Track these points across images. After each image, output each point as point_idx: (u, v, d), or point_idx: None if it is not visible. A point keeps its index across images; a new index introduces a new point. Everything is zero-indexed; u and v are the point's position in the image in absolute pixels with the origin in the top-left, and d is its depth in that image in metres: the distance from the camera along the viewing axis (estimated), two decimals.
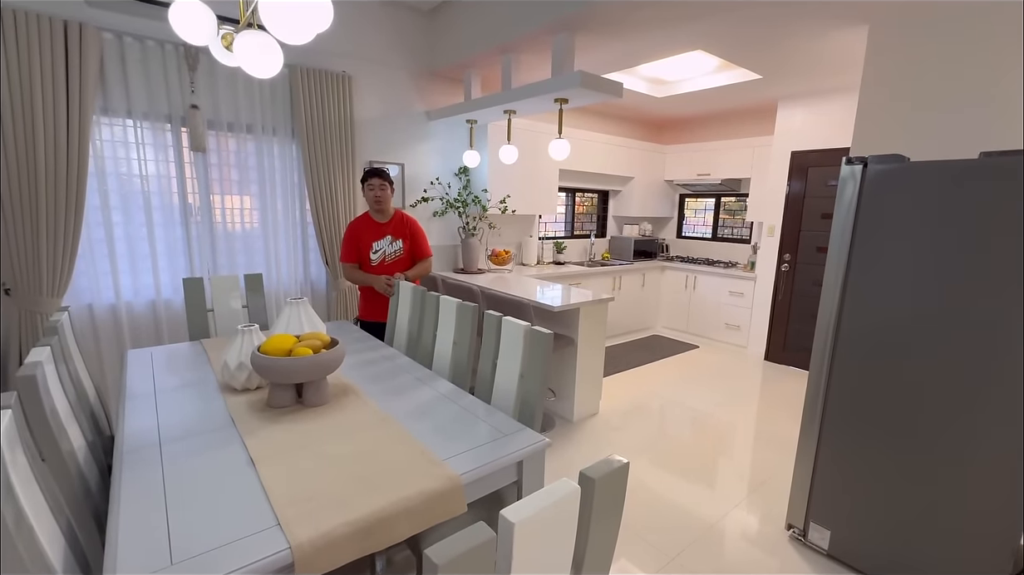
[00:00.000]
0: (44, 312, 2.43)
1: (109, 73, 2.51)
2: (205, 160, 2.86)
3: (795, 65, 3.29)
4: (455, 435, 1.37)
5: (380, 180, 2.62)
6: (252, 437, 1.32)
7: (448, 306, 2.03)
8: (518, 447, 1.31)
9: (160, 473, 1.14)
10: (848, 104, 3.76)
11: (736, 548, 2.01)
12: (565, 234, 5.28)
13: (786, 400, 3.60)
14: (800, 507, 2.00)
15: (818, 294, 4.11)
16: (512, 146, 3.37)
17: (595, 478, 0.69)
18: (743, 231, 5.26)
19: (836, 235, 1.82)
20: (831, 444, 1.89)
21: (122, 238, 2.67)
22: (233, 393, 1.62)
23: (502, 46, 3.05)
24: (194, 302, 2.37)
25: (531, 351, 1.58)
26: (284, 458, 1.21)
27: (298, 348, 1.50)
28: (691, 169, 5.20)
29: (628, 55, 3.15)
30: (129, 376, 1.75)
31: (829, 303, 1.87)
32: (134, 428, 1.35)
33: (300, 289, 3.32)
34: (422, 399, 1.63)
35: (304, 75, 3.02)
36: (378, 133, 3.53)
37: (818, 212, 4.06)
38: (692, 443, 2.89)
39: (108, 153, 2.58)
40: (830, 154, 3.94)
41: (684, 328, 5.17)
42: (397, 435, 1.34)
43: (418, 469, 1.17)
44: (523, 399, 1.60)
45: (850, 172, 1.75)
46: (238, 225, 3.04)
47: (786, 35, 2.76)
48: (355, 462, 1.20)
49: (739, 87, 3.88)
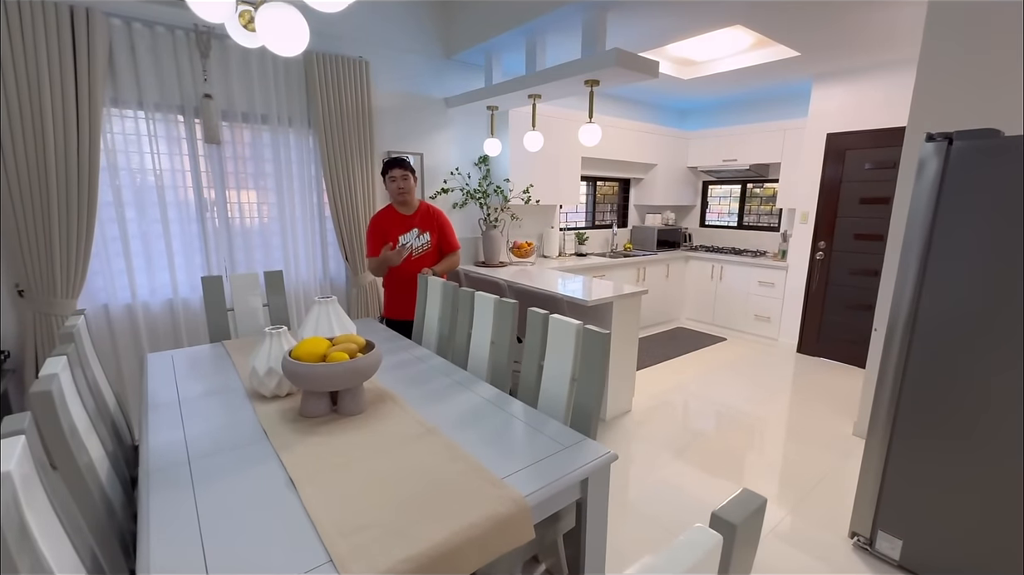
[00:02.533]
0: (59, 314, 2.33)
1: (118, 62, 2.38)
2: (220, 152, 2.74)
3: (838, 41, 3.09)
4: (510, 448, 1.24)
5: (402, 170, 2.46)
6: (288, 452, 1.20)
7: (484, 303, 1.90)
8: (583, 462, 1.17)
9: (192, 496, 1.02)
10: (888, 82, 3.55)
11: (799, 557, 1.87)
12: (586, 224, 5.11)
13: (825, 394, 3.44)
14: (867, 515, 1.86)
15: (856, 283, 3.93)
16: (537, 132, 3.21)
17: (736, 523, 0.57)
18: (771, 219, 5.07)
19: (913, 221, 1.65)
20: (904, 449, 1.74)
21: (137, 236, 2.56)
22: (262, 401, 1.50)
23: (527, 27, 2.88)
24: (214, 301, 2.26)
25: (586, 352, 1.45)
26: (326, 478, 1.09)
27: (333, 353, 1.37)
28: (716, 155, 5.00)
29: (661, 33, 2.97)
30: (151, 383, 1.64)
31: (902, 297, 1.71)
32: (160, 442, 1.24)
33: (319, 286, 3.20)
34: (465, 405, 1.50)
35: (320, 61, 2.88)
36: (396, 122, 3.38)
37: (856, 197, 3.86)
38: (734, 444, 2.75)
39: (120, 147, 2.46)
40: (869, 135, 3.73)
41: (710, 320, 5.01)
42: (447, 449, 1.22)
43: (478, 490, 1.04)
44: (577, 405, 1.46)
45: (933, 150, 1.58)
46: (255, 220, 2.92)
47: (834, 7, 2.57)
48: (407, 482, 1.07)
49: (772, 66, 3.68)
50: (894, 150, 3.62)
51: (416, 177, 2.53)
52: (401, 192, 2.49)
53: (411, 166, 2.49)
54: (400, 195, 2.49)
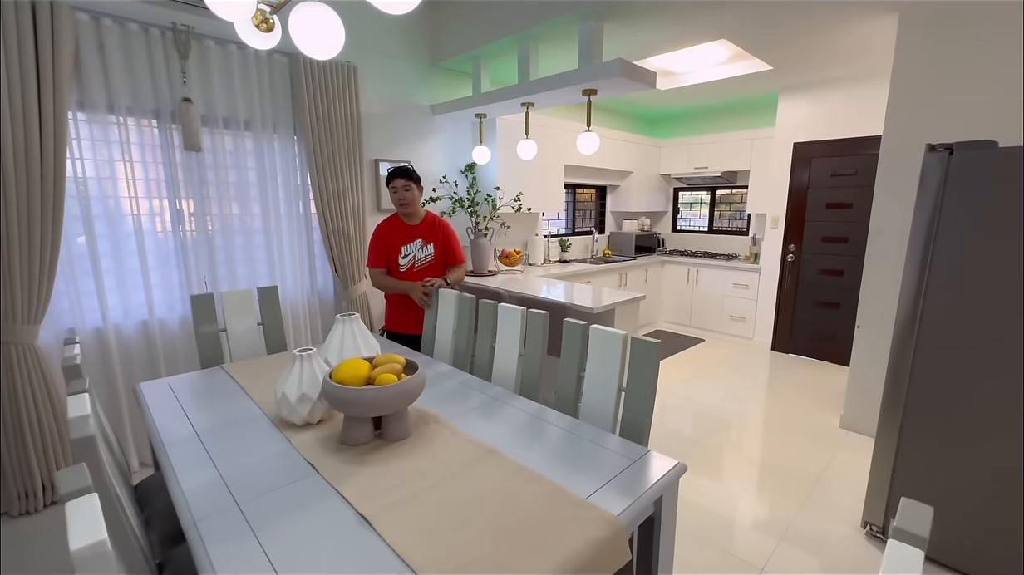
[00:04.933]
0: (19, 342, 2.07)
1: (86, 62, 2.16)
2: (199, 160, 2.54)
3: (810, 56, 3.28)
4: (578, 465, 1.21)
5: (404, 180, 2.36)
6: (346, 485, 1.11)
7: (511, 315, 1.86)
8: (656, 475, 1.16)
9: (257, 544, 0.92)
10: (851, 95, 3.81)
11: (819, 550, 1.94)
12: (567, 231, 5.16)
13: (805, 389, 3.62)
14: (879, 504, 1.95)
15: (826, 283, 4.16)
16: (531, 140, 3.20)
17: (925, 536, 0.56)
18: (739, 223, 5.30)
19: (917, 226, 1.76)
20: (914, 439, 1.85)
21: (108, 252, 2.33)
22: (293, 430, 1.39)
23: (520, 35, 2.87)
24: (204, 322, 2.09)
25: (635, 362, 1.44)
26: (399, 512, 1.01)
27: (381, 375, 1.29)
28: (688, 162, 5.19)
29: (650, 45, 3.04)
30: (155, 415, 1.48)
31: (908, 297, 1.82)
32: (194, 486, 1.11)
33: (307, 300, 3.03)
34: (513, 421, 1.45)
35: (307, 65, 2.74)
36: (382, 129, 3.28)
37: (822, 202, 4.11)
38: (728, 443, 2.83)
39: (88, 154, 2.23)
40: (833, 144, 3.99)
41: (687, 322, 5.16)
42: (517, 471, 1.16)
43: (568, 514, 1.00)
44: (627, 416, 1.45)
45: (935, 159, 1.70)
46: (237, 233, 2.73)
47: (812, 25, 2.73)
48: (488, 510, 1.02)
49: (743, 79, 3.86)
50: (854, 158, 3.90)
51: (421, 187, 2.45)
52: (403, 203, 2.40)
53: (415, 175, 2.41)
54: (403, 206, 2.41)
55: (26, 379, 2.08)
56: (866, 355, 2.85)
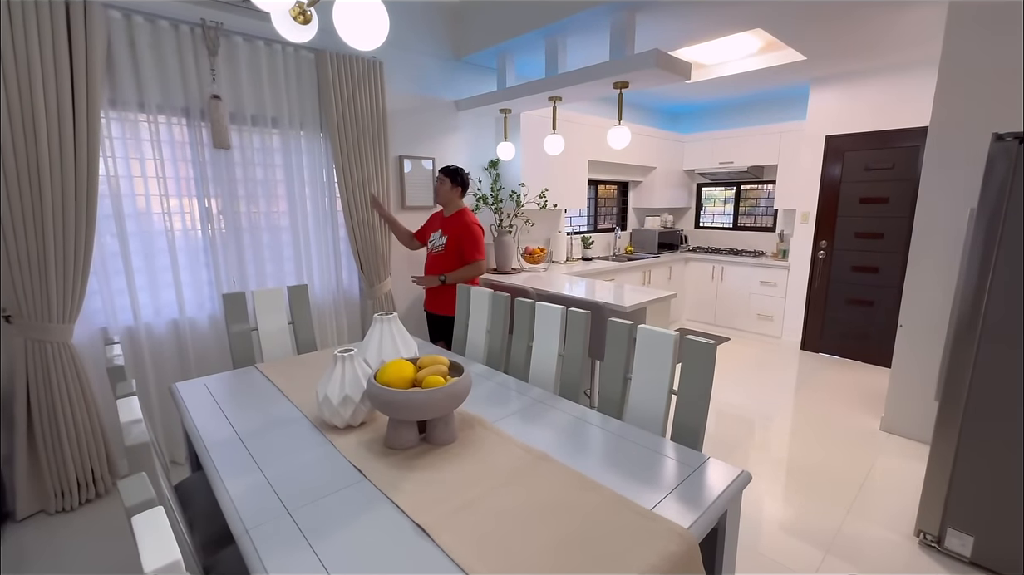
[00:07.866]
0: (55, 340, 2.07)
1: (118, 60, 2.15)
2: (227, 158, 2.53)
3: (845, 46, 3.16)
4: (635, 472, 1.15)
5: (440, 174, 2.68)
6: (397, 492, 1.07)
7: (550, 314, 1.80)
8: (720, 485, 1.10)
9: (312, 554, 0.88)
10: (887, 86, 3.68)
11: (870, 559, 1.86)
12: (588, 228, 5.08)
13: (839, 390, 3.51)
14: (934, 512, 1.87)
15: (859, 280, 4.05)
16: (558, 135, 3.14)
17: None
18: (765, 219, 5.18)
19: (981, 221, 1.67)
20: (973, 445, 1.75)
21: (139, 251, 2.33)
22: (335, 432, 1.35)
23: (548, 28, 2.80)
24: (236, 320, 2.07)
25: (688, 364, 1.37)
26: (456, 521, 0.97)
27: (428, 377, 1.24)
28: (712, 157, 5.08)
29: (681, 35, 2.96)
30: (195, 416, 1.46)
31: (968, 295, 1.72)
32: (241, 490, 1.08)
33: (334, 298, 3.01)
34: (559, 424, 1.40)
35: (333, 61, 2.71)
36: (407, 125, 3.24)
37: (856, 197, 3.98)
38: (763, 446, 2.75)
39: (119, 152, 2.23)
40: (868, 137, 3.86)
41: (711, 320, 5.06)
42: (573, 479, 1.11)
43: (634, 525, 0.95)
44: (680, 420, 1.39)
45: (1002, 149, 1.60)
46: (264, 231, 2.71)
47: (853, 13, 2.62)
48: (549, 520, 0.97)
49: (776, 70, 3.75)
50: (891, 151, 3.76)
51: (452, 182, 2.68)
52: (436, 193, 2.74)
53: (448, 170, 2.69)
54: (436, 196, 2.75)
55: (61, 378, 2.08)
56: (909, 356, 2.74)
